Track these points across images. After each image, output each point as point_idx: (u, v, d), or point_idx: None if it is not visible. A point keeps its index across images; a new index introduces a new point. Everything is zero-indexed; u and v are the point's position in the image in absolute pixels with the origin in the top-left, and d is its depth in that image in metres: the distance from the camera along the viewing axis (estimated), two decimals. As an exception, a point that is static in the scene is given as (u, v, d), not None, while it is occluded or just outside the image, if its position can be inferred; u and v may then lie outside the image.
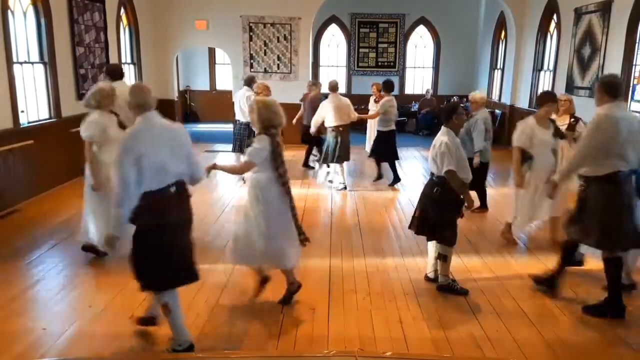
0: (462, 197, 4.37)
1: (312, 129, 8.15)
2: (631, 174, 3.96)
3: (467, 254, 5.38)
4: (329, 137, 7.87)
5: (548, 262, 5.19)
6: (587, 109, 7.59)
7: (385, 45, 15.28)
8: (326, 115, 7.83)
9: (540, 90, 10.88)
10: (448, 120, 4.45)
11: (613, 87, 3.97)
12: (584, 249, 4.38)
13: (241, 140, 8.00)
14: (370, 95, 9.95)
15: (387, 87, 8.35)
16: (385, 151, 8.30)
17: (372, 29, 15.19)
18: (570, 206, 4.41)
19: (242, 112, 7.96)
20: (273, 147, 3.91)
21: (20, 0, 7.08)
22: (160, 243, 3.28)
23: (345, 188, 8.03)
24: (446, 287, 4.50)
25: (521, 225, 5.59)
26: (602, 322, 4.02)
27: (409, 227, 4.73)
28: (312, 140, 8.86)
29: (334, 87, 8.05)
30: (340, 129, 7.81)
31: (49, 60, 7.55)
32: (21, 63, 7.06)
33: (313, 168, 9.39)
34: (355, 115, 8.05)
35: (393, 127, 8.30)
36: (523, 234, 5.87)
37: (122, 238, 3.32)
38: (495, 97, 13.28)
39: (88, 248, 5.06)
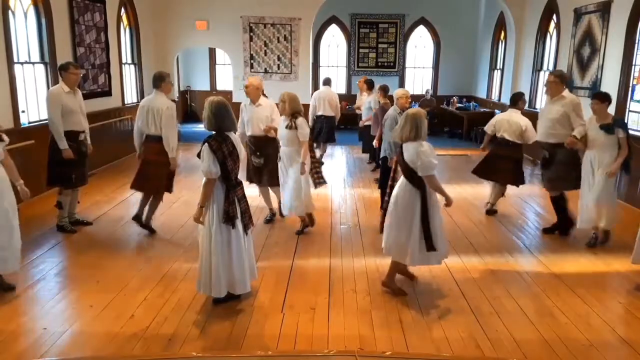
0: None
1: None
2: None
3: (467, 254, 5.39)
4: None
5: (547, 262, 5.21)
6: (588, 109, 7.60)
7: (385, 45, 15.28)
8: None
9: (540, 90, 10.88)
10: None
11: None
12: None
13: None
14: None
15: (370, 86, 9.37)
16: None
17: (372, 30, 15.20)
18: None
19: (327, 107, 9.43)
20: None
21: (21, 1, 7.09)
22: None
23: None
24: None
25: None
26: (603, 322, 4.03)
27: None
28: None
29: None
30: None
31: (49, 61, 7.55)
32: (22, 63, 7.07)
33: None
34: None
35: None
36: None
37: None
38: (495, 97, 13.30)
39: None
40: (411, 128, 4.13)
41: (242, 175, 4.38)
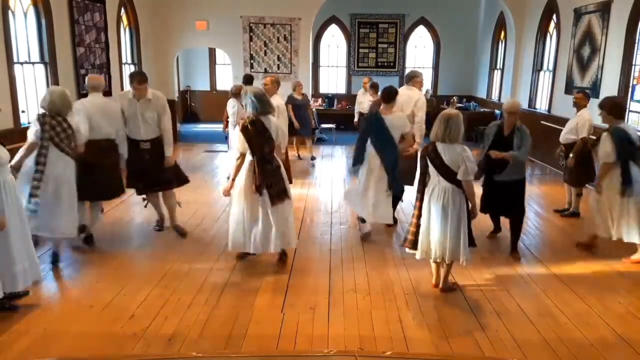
0: None
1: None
2: None
3: (467, 254, 5.38)
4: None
5: (547, 262, 5.21)
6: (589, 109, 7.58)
7: (385, 45, 15.29)
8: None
9: (539, 91, 10.90)
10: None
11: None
12: None
13: None
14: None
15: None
16: None
17: (372, 30, 15.21)
18: None
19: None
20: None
21: (21, 1, 7.10)
22: None
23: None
24: None
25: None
26: (603, 322, 4.04)
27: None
28: None
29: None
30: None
31: (49, 61, 7.56)
32: (22, 63, 7.08)
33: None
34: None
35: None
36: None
37: None
38: (494, 97, 13.30)
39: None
40: (454, 129, 4.17)
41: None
